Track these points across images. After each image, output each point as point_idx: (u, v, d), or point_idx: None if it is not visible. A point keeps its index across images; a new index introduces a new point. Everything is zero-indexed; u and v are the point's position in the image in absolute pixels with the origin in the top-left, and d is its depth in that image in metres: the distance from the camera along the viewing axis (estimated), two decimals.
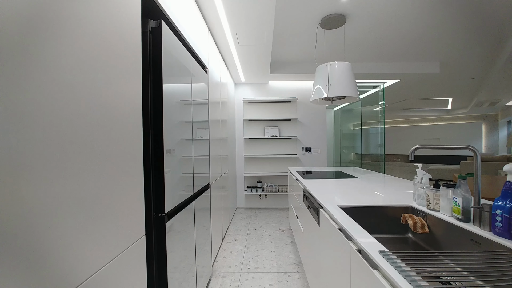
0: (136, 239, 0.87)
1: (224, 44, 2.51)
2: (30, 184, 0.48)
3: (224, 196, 2.93)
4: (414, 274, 0.56)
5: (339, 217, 1.03)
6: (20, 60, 0.46)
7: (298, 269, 2.11)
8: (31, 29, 0.49)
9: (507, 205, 0.75)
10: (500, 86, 5.04)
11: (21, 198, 0.46)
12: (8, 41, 0.44)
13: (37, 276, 0.48)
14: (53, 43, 0.54)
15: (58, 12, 0.55)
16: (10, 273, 0.43)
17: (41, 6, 0.51)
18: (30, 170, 0.48)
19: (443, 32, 2.73)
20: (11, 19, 0.45)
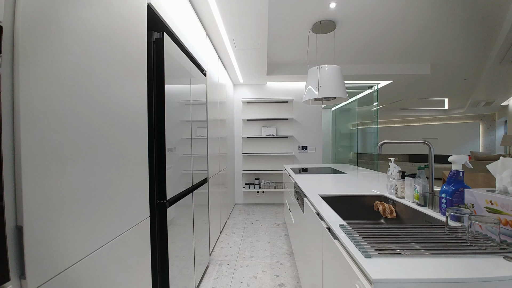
0: (142, 219, 1.03)
1: (222, 48, 2.66)
2: (59, 174, 0.64)
3: (222, 192, 3.09)
4: (362, 240, 0.72)
5: (316, 203, 1.19)
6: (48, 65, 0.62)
7: (289, 258, 2.27)
8: (62, 39, 0.65)
9: (449, 190, 0.91)
10: (492, 86, 5.16)
11: (51, 186, 0.62)
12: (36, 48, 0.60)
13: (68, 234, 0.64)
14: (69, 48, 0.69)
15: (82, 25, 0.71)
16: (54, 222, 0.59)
17: (72, 21, 0.67)
18: (62, 162, 0.64)
19: (432, 35, 2.87)
20: None
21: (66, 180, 0.63)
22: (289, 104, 4.29)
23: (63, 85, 0.63)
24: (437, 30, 2.74)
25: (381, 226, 0.83)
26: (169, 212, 1.30)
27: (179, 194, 1.47)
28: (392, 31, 2.73)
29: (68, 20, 0.64)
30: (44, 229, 0.56)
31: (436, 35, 2.87)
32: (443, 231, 0.77)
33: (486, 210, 0.76)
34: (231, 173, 3.91)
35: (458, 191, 0.89)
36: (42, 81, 0.56)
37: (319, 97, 2.27)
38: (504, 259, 0.60)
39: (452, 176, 0.92)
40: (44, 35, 0.57)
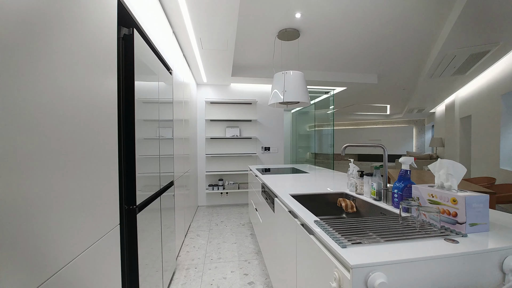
0: (111, 228, 0.97)
1: (188, 47, 2.60)
2: (16, 182, 0.58)
3: (186, 194, 3.01)
4: (337, 233, 0.81)
5: (289, 202, 1.27)
6: (14, 60, 0.57)
7: (257, 257, 2.33)
8: (25, 30, 0.59)
9: (400, 186, 1.07)
10: (424, 96, 6.05)
11: (12, 193, 0.56)
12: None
13: (25, 261, 0.59)
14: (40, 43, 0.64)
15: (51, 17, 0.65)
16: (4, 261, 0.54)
17: (36, 10, 0.61)
18: (15, 168, 0.58)
19: (380, 50, 3.25)
20: (8, 20, 0.55)
21: (19, 190, 0.58)
22: (253, 106, 4.38)
23: (21, 83, 0.57)
24: (384, 46, 3.12)
25: (348, 220, 0.94)
26: (139, 218, 1.24)
27: (148, 198, 1.41)
28: (348, 44, 3.02)
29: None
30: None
31: (383, 50, 3.26)
32: (398, 221, 0.92)
33: (429, 202, 0.92)
34: (194, 175, 3.82)
35: (407, 187, 1.06)
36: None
37: (284, 101, 2.39)
38: (445, 240, 0.75)
39: (402, 174, 1.09)
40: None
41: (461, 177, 0.88)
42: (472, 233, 0.80)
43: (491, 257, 0.69)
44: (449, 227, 0.84)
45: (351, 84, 4.34)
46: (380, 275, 0.60)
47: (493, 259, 0.69)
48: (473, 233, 0.80)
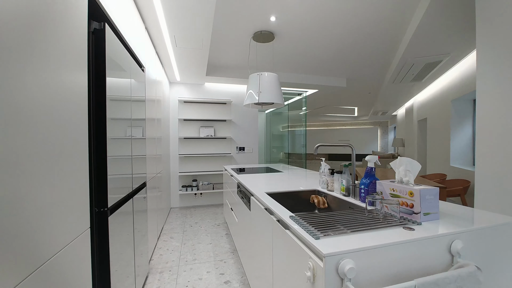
0: (81, 231, 0.92)
1: (161, 44, 2.53)
2: None
3: (158, 196, 2.92)
4: (311, 227, 0.86)
5: (265, 200, 1.31)
6: None
7: (233, 256, 2.35)
8: None
9: (366, 182, 1.17)
10: (387, 100, 6.53)
11: None
12: None
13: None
14: None
15: None
16: None
17: None
18: None
19: (348, 55, 3.45)
20: None
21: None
22: (227, 106, 4.37)
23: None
24: (352, 53, 3.33)
25: (320, 215, 1.01)
26: (111, 221, 1.19)
27: (120, 200, 1.35)
28: (319, 49, 3.16)
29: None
30: None
31: (351, 56, 3.47)
32: (364, 214, 1.00)
33: (391, 195, 1.02)
34: (167, 176, 3.71)
35: (372, 183, 1.16)
36: None
37: (259, 101, 2.43)
38: (403, 228, 0.84)
39: (368, 171, 1.18)
40: None
41: (417, 172, 0.99)
42: (426, 222, 0.91)
43: (441, 241, 0.80)
44: (407, 217, 0.94)
45: (322, 86, 4.55)
46: (349, 262, 0.66)
47: (443, 243, 0.80)
48: (426, 222, 0.91)
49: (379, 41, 2.99)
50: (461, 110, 4.08)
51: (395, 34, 2.81)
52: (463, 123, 4.08)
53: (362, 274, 0.69)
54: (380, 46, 3.15)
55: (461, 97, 3.83)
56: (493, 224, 0.88)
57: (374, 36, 2.86)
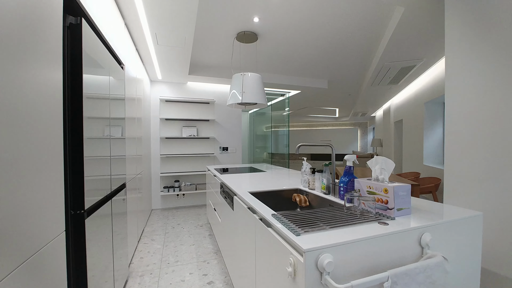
0: (56, 235, 0.89)
1: (141, 41, 2.47)
2: None
3: (138, 198, 2.84)
4: (292, 224, 0.89)
5: (248, 199, 1.32)
6: None
7: (216, 256, 2.33)
8: None
9: (345, 180, 1.22)
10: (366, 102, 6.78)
11: None
12: None
13: None
14: None
15: None
16: None
17: None
18: None
19: (330, 58, 3.55)
20: None
21: None
22: (210, 105, 4.34)
23: None
24: (333, 55, 3.43)
25: (301, 213, 1.03)
26: (88, 224, 1.14)
27: (97, 202, 1.31)
28: (302, 51, 3.23)
29: None
30: None
31: (332, 58, 3.58)
32: (343, 211, 1.04)
33: (367, 193, 1.07)
34: (147, 177, 3.62)
35: (350, 181, 1.21)
36: None
37: (242, 102, 2.44)
38: (378, 223, 0.88)
39: (347, 170, 1.23)
40: None
41: (391, 170, 1.05)
42: (399, 217, 0.96)
43: (412, 235, 0.85)
44: (382, 213, 0.99)
45: (305, 88, 4.64)
46: (328, 256, 0.69)
47: (413, 236, 0.85)
48: (399, 217, 0.96)
49: (358, 45, 3.11)
50: (433, 112, 4.34)
51: (373, 39, 2.93)
52: (435, 124, 4.34)
53: (340, 268, 0.72)
54: (359, 50, 3.27)
55: (433, 99, 4.07)
56: (458, 218, 0.95)
57: (353, 40, 2.97)
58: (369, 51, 3.31)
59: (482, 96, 1.46)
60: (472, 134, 1.51)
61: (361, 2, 2.19)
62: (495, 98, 1.39)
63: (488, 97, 1.43)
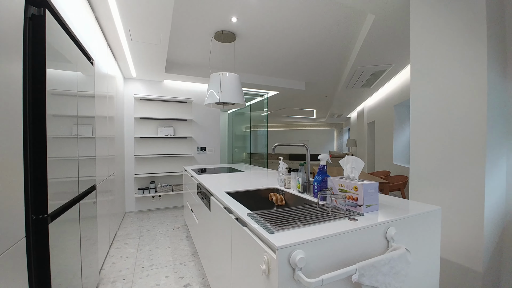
0: (14, 242, 0.82)
1: (114, 36, 2.36)
2: None
3: (110, 200, 2.71)
4: (267, 222, 0.90)
5: (224, 199, 1.32)
6: None
7: (193, 258, 2.30)
8: None
9: (319, 179, 1.26)
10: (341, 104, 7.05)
11: None
12: None
13: None
14: None
15: None
16: None
17: None
18: None
19: (307, 59, 3.64)
20: None
21: None
22: (188, 105, 4.25)
23: None
24: (311, 57, 3.52)
25: (277, 212, 1.06)
26: (52, 229, 1.07)
27: (63, 206, 1.23)
28: (280, 52, 3.28)
29: None
30: None
31: (310, 61, 3.67)
32: (316, 208, 1.08)
33: (339, 191, 1.12)
34: (121, 178, 3.46)
35: (324, 180, 1.25)
36: None
37: (220, 101, 2.43)
38: (348, 220, 0.93)
39: (320, 169, 1.28)
40: None
41: (361, 169, 1.10)
42: (368, 213, 1.02)
43: (379, 229, 0.90)
44: (352, 210, 1.04)
45: (283, 89, 4.72)
46: (300, 252, 0.71)
47: (380, 230, 0.91)
48: (368, 213, 1.02)
49: (334, 49, 3.23)
50: (402, 114, 4.62)
51: (347, 44, 3.06)
52: (403, 126, 4.63)
53: (311, 263, 0.75)
54: (334, 54, 3.40)
55: (402, 103, 4.34)
56: (420, 212, 1.03)
57: (329, 45, 3.08)
58: (344, 56, 3.45)
59: (443, 99, 1.58)
60: (434, 135, 1.63)
61: (336, 9, 2.28)
62: (454, 101, 1.52)
63: (448, 100, 1.56)
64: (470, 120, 1.44)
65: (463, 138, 1.48)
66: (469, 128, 1.45)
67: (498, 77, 1.44)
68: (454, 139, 1.52)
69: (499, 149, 1.45)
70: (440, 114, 1.60)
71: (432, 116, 1.66)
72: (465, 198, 1.46)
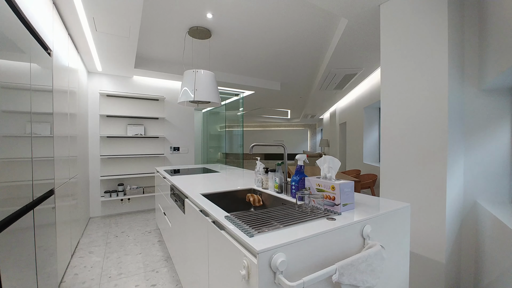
0: None
1: (76, 26, 2.16)
2: None
3: (73, 205, 2.49)
4: (245, 225, 0.87)
5: (200, 201, 1.26)
6: None
7: (166, 264, 2.18)
8: None
9: (297, 179, 1.26)
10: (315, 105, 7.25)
11: None
12: None
13: None
14: None
15: None
16: None
17: None
18: None
19: (282, 60, 3.66)
20: None
21: None
22: (160, 103, 4.06)
23: None
24: (286, 58, 3.56)
25: (255, 213, 1.03)
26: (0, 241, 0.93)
27: (14, 213, 1.08)
28: (255, 51, 3.26)
29: None
30: None
31: (285, 61, 3.71)
32: (295, 209, 1.07)
33: (317, 190, 1.12)
34: (84, 181, 3.20)
35: (301, 180, 1.25)
36: None
37: (195, 99, 2.34)
38: (326, 219, 0.93)
39: (298, 169, 1.28)
40: None
41: (337, 168, 1.12)
42: (345, 211, 1.03)
43: (356, 227, 0.92)
44: (330, 209, 1.05)
45: (258, 88, 4.71)
46: (281, 255, 0.69)
47: (357, 229, 0.92)
48: (345, 211, 1.03)
49: (308, 51, 3.29)
50: (371, 116, 4.88)
51: (321, 46, 3.14)
52: (372, 127, 4.89)
53: (292, 265, 0.73)
54: (309, 56, 3.47)
55: (371, 105, 4.58)
56: (392, 209, 1.07)
57: (304, 47, 3.13)
58: (318, 58, 3.54)
59: (409, 102, 1.68)
60: (402, 136, 1.73)
61: (311, 12, 2.32)
62: (419, 104, 1.62)
63: (413, 103, 1.65)
64: (433, 122, 1.55)
65: (427, 139, 1.58)
66: (432, 129, 1.55)
67: (456, 81, 1.56)
68: (419, 140, 1.62)
69: (457, 148, 1.57)
70: (407, 116, 1.70)
71: (400, 118, 1.75)
72: (429, 194, 1.56)
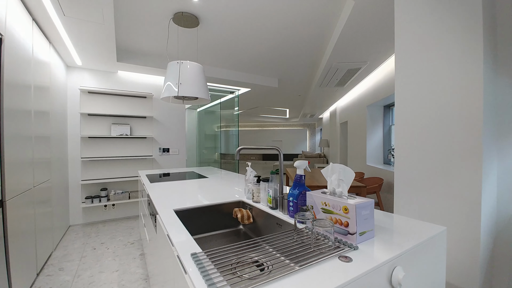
0: None
1: (40, 9, 1.85)
2: None
3: (47, 213, 2.19)
4: (215, 271, 0.57)
5: (168, 222, 0.96)
6: None
7: (145, 284, 1.89)
8: None
9: (295, 193, 0.97)
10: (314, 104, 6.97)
11: None
12: None
13: None
14: None
15: None
16: None
17: None
18: None
19: (280, 54, 3.37)
20: None
21: None
22: (148, 100, 3.76)
23: None
24: (283, 51, 3.26)
25: (236, 246, 0.73)
26: None
27: None
28: (250, 43, 2.96)
29: None
30: None
31: (282, 55, 3.41)
32: (292, 237, 0.78)
33: (322, 211, 0.83)
34: (62, 186, 2.90)
35: (301, 194, 0.96)
36: None
37: (179, 95, 2.04)
38: (339, 259, 0.64)
39: (297, 180, 0.98)
40: None
41: (351, 181, 0.83)
42: (362, 243, 0.74)
43: (382, 271, 0.63)
44: (341, 239, 0.76)
45: (255, 85, 4.42)
46: None
47: (383, 274, 0.63)
48: (362, 243, 0.74)
49: (308, 42, 3.00)
50: (374, 114, 4.59)
51: (322, 38, 2.84)
52: (376, 126, 4.60)
53: None
54: (309, 48, 3.17)
55: (374, 103, 4.29)
56: (426, 237, 0.78)
57: (303, 36, 2.83)
58: (319, 50, 3.24)
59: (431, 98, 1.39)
60: (422, 136, 1.44)
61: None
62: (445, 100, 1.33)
63: (437, 99, 1.36)
64: (463, 121, 1.26)
65: (455, 140, 1.29)
66: (462, 129, 1.26)
67: (491, 74, 1.27)
68: (444, 141, 1.33)
69: (491, 152, 1.28)
70: (429, 115, 1.41)
71: (419, 117, 1.46)
72: (460, 208, 1.27)
